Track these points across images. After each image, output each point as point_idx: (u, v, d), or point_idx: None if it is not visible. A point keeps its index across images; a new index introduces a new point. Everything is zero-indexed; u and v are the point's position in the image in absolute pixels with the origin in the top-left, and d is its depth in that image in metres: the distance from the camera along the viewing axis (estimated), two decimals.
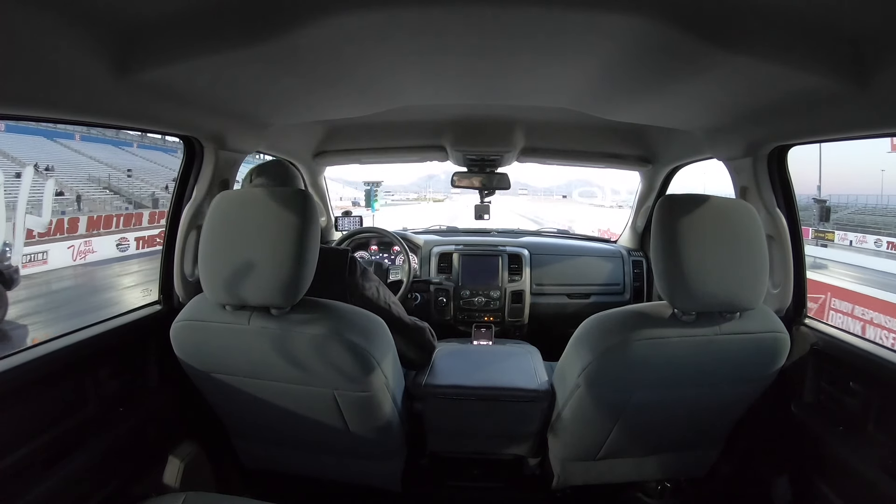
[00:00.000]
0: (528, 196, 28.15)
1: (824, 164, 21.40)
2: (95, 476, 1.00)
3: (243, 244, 0.90)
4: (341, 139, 1.96)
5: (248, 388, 1.05)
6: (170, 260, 1.27)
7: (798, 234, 1.25)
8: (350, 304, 1.05)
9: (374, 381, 0.99)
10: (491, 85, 1.07)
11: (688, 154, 1.79)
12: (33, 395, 0.90)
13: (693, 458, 1.30)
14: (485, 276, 2.06)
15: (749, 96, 0.95)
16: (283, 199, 0.92)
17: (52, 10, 0.63)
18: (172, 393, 1.21)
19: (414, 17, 0.68)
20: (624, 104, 1.16)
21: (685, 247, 0.93)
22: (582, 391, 1.06)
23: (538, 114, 1.59)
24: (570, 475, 1.32)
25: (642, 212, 2.19)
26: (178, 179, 1.30)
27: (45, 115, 0.85)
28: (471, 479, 1.51)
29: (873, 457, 0.96)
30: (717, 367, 1.03)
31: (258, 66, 0.84)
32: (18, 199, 8.01)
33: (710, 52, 0.72)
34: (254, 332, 0.95)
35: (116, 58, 0.76)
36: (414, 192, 29.42)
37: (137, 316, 1.21)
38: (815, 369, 1.16)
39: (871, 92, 0.77)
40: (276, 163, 1.19)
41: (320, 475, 1.33)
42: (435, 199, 31.40)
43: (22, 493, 0.85)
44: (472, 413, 1.31)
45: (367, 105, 1.23)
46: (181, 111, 1.06)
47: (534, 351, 1.56)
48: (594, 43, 0.76)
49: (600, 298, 2.09)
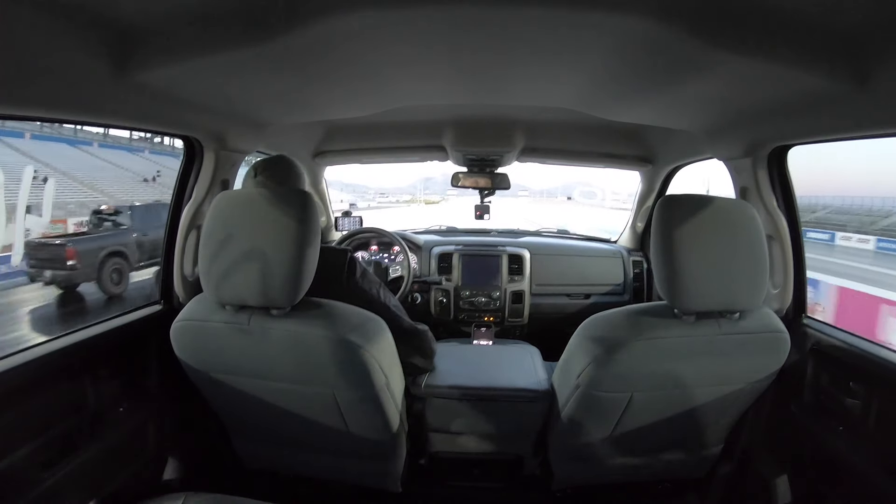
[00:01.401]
0: (529, 197, 28.07)
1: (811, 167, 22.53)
2: (95, 476, 1.00)
3: (243, 244, 0.90)
4: (341, 139, 1.96)
5: (249, 388, 1.05)
6: (170, 260, 1.27)
7: (798, 234, 1.25)
8: (350, 304, 1.05)
9: (375, 381, 0.99)
10: (491, 85, 1.07)
11: (688, 154, 1.79)
12: (33, 395, 0.90)
13: (693, 458, 1.30)
14: (485, 276, 2.06)
15: (749, 96, 0.95)
16: (284, 199, 0.92)
17: (52, 11, 0.64)
18: (172, 393, 1.21)
19: (413, 17, 0.68)
20: (624, 104, 1.16)
21: (685, 247, 0.93)
22: (582, 391, 1.06)
23: (538, 114, 1.59)
24: (570, 475, 1.32)
25: (642, 212, 2.19)
26: (178, 179, 1.30)
27: (46, 115, 0.85)
28: (471, 479, 1.51)
29: (873, 457, 0.96)
30: (717, 367, 1.03)
31: (258, 66, 0.84)
32: (18, 199, 8.03)
33: (710, 52, 0.72)
34: (254, 331, 0.95)
35: (116, 58, 0.76)
36: (409, 194, 29.09)
37: (137, 316, 1.21)
38: (815, 369, 1.15)
39: (871, 92, 0.77)
40: (280, 158, 1.17)
41: (320, 475, 1.33)
42: (428, 200, 30.75)
43: (22, 493, 0.85)
44: (472, 413, 1.31)
45: (367, 105, 1.23)
46: (181, 111, 1.06)
47: (534, 351, 1.56)
48: (594, 43, 0.76)
49: (600, 298, 2.09)
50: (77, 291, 7.21)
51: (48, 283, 7.00)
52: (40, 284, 7.06)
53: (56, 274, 6.89)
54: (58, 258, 6.83)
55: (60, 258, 6.81)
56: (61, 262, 6.81)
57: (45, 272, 6.89)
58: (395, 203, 26.67)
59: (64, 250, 6.85)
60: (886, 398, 0.98)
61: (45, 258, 6.92)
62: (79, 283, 7.13)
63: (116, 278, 7.38)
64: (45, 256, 6.93)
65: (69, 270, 6.83)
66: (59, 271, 6.87)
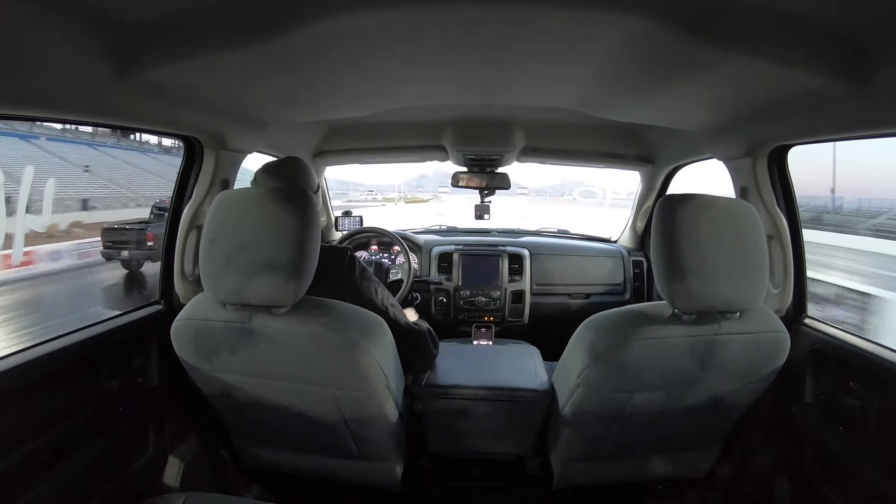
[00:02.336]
0: (529, 196, 27.87)
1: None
2: (95, 476, 1.00)
3: (244, 243, 0.90)
4: (341, 139, 1.96)
5: (249, 388, 1.05)
6: (170, 260, 1.27)
7: (798, 234, 1.25)
8: (350, 303, 1.05)
9: (375, 380, 0.99)
10: (491, 85, 1.07)
11: (688, 154, 1.79)
12: (33, 395, 0.90)
13: (693, 458, 1.30)
14: (485, 276, 2.06)
15: (749, 96, 0.95)
16: (284, 199, 0.92)
17: (52, 11, 0.63)
18: (173, 392, 1.21)
19: (413, 16, 0.68)
20: (624, 104, 1.16)
21: (685, 247, 0.93)
22: (582, 391, 1.06)
23: (538, 114, 1.59)
24: (570, 475, 1.32)
25: (642, 212, 2.19)
26: (178, 179, 1.30)
27: (46, 115, 0.85)
28: (471, 479, 1.51)
29: (873, 457, 0.96)
30: (718, 367, 1.03)
31: (258, 66, 0.84)
32: (18, 198, 8.09)
33: (711, 52, 0.72)
34: (254, 331, 0.95)
35: (117, 58, 0.76)
36: (396, 192, 27.94)
37: (138, 315, 1.21)
38: (815, 369, 1.15)
39: (871, 92, 0.77)
40: (290, 160, 1.18)
41: (320, 475, 1.33)
42: (412, 199, 28.91)
43: (22, 493, 0.85)
44: (472, 413, 1.31)
45: (367, 105, 1.23)
46: (181, 111, 1.06)
47: (534, 351, 1.56)
48: (594, 43, 0.76)
49: (600, 298, 2.09)
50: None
51: (126, 263, 8.45)
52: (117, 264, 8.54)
53: (135, 254, 8.32)
54: (141, 240, 8.29)
55: (142, 240, 8.27)
56: (143, 244, 8.27)
57: (122, 252, 8.33)
58: (381, 202, 25.56)
59: (145, 234, 8.36)
60: (886, 398, 0.98)
61: (125, 241, 8.35)
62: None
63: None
64: (128, 239, 8.36)
65: (149, 251, 8.14)
66: (139, 251, 8.29)
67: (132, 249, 8.22)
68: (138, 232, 8.42)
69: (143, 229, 8.39)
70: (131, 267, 8.50)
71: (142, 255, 8.22)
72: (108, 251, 8.37)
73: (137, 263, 8.46)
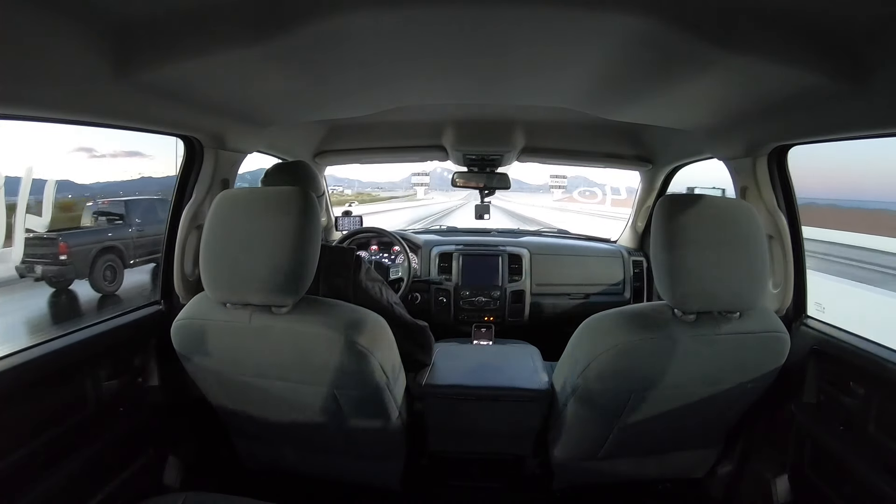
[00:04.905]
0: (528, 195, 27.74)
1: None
2: (95, 476, 1.00)
3: (244, 243, 0.90)
4: (341, 139, 1.96)
5: (249, 387, 1.05)
6: (170, 259, 1.27)
7: (798, 234, 1.25)
8: (353, 302, 1.05)
9: (375, 380, 0.99)
10: (491, 85, 1.07)
11: (688, 154, 1.79)
12: (33, 395, 0.90)
13: (693, 458, 1.30)
14: (485, 276, 2.06)
15: (749, 96, 0.95)
16: (284, 198, 0.92)
17: (52, 10, 0.63)
18: (173, 392, 1.21)
19: (413, 16, 0.68)
20: (624, 104, 1.16)
21: (685, 247, 0.93)
22: (582, 391, 1.06)
23: (538, 114, 1.59)
24: (570, 475, 1.32)
25: (642, 212, 2.19)
26: (178, 179, 1.30)
27: (46, 115, 0.85)
28: (471, 479, 1.51)
29: (873, 457, 0.96)
30: (717, 367, 1.03)
31: (258, 66, 0.84)
32: (18, 198, 8.05)
33: (710, 52, 0.72)
34: (255, 330, 0.95)
35: (116, 58, 0.76)
36: (385, 190, 27.23)
37: (138, 315, 1.21)
38: (815, 369, 1.15)
39: (871, 92, 0.77)
40: (297, 163, 1.18)
41: (320, 475, 1.33)
42: (376, 197, 27.51)
43: (22, 493, 0.85)
44: (472, 413, 1.31)
45: (367, 105, 1.23)
46: (181, 111, 1.06)
47: (534, 351, 1.56)
48: (594, 43, 0.76)
49: (600, 298, 2.09)
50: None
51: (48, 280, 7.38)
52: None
53: (48, 270, 7.24)
54: (53, 253, 7.29)
55: (55, 253, 7.27)
56: (55, 257, 7.25)
57: (36, 268, 7.23)
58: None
59: (57, 245, 7.28)
60: (886, 398, 0.98)
61: (42, 254, 7.31)
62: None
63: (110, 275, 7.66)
64: (45, 252, 7.31)
65: (61, 265, 7.25)
66: (52, 267, 7.23)
67: (47, 264, 7.00)
68: (51, 243, 7.16)
69: (55, 239, 7.18)
70: (55, 284, 7.28)
71: (54, 271, 7.00)
72: (22, 265, 7.12)
73: (58, 280, 7.15)
